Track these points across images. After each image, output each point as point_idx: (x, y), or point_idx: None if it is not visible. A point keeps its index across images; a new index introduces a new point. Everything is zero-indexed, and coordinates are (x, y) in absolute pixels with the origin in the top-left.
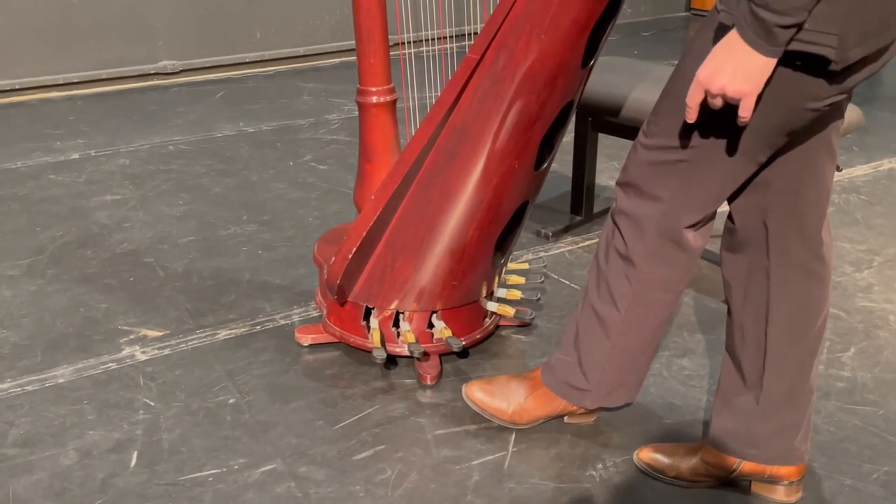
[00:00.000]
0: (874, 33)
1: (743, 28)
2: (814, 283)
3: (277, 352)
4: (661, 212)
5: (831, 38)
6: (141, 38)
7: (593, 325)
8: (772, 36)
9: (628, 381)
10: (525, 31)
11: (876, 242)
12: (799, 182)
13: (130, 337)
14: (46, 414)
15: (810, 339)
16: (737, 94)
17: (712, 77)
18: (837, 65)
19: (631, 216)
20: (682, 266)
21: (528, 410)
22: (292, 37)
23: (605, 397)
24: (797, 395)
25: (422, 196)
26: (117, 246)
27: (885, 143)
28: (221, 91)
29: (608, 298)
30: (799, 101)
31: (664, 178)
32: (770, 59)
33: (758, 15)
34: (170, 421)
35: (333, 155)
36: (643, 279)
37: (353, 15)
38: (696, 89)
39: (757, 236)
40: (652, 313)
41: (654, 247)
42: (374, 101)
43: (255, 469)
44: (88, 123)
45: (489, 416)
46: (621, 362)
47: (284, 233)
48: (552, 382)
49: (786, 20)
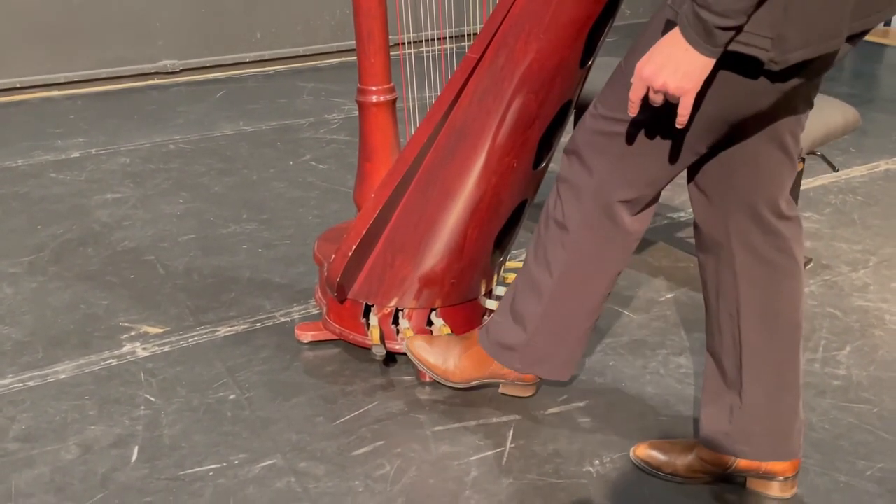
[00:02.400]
0: (817, 40)
1: (685, 27)
2: (782, 278)
3: (277, 349)
4: (598, 181)
5: (765, 41)
6: (141, 38)
7: (527, 289)
8: (712, 36)
9: (558, 354)
10: (524, 30)
11: (872, 243)
12: (753, 177)
13: (131, 334)
14: (48, 409)
15: (787, 335)
16: (677, 92)
17: (655, 74)
18: (777, 65)
19: (570, 183)
20: (616, 245)
21: (462, 369)
22: (292, 37)
23: (533, 364)
24: (782, 391)
25: (421, 194)
26: (118, 244)
27: (882, 145)
28: (221, 90)
29: (543, 264)
30: (736, 98)
31: (604, 148)
32: (709, 58)
33: (699, 15)
34: (170, 417)
35: (333, 154)
36: (576, 248)
37: (353, 15)
38: (638, 85)
39: (720, 235)
40: (584, 286)
41: (588, 217)
42: (375, 101)
43: (255, 464)
44: (89, 122)
45: (425, 369)
46: (551, 330)
47: (284, 231)
48: (485, 342)
49: (726, 22)
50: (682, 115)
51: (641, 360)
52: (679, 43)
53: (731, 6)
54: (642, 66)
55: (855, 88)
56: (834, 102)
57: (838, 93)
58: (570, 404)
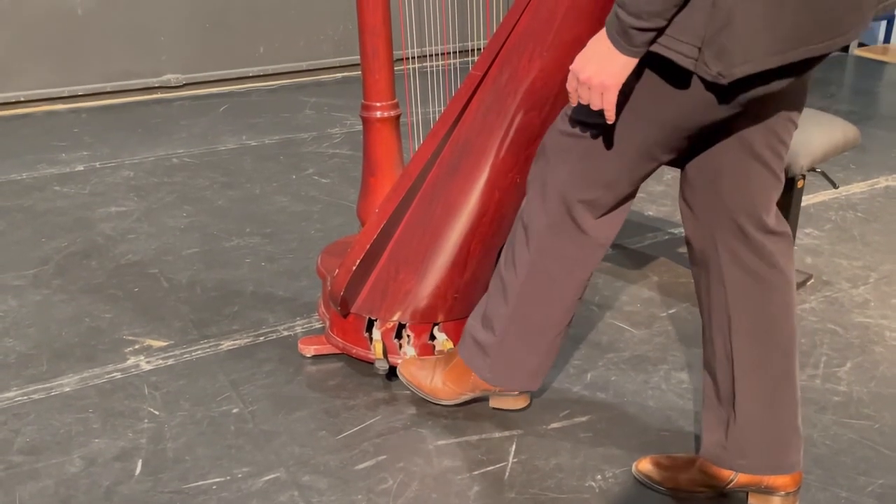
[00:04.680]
0: (762, 55)
1: (608, 26)
2: (772, 292)
3: (280, 362)
4: (560, 180)
5: (687, 48)
6: (145, 52)
7: (497, 291)
8: (628, 36)
9: (527, 361)
10: (528, 48)
11: (872, 259)
12: (732, 192)
13: (135, 347)
14: (52, 422)
15: (779, 348)
16: (599, 87)
17: (582, 67)
18: (724, 79)
19: (538, 182)
20: (579, 248)
21: (447, 384)
22: (295, 52)
23: (504, 374)
24: (776, 404)
25: (425, 209)
26: (122, 257)
27: (882, 161)
28: (225, 105)
29: (511, 265)
30: (689, 109)
31: (568, 148)
32: (629, 57)
33: (618, 15)
34: (174, 430)
35: (336, 168)
36: (541, 248)
37: (358, 32)
38: (570, 76)
39: (709, 249)
40: (549, 289)
41: (552, 217)
42: (379, 116)
43: (258, 478)
44: (93, 136)
45: (416, 390)
46: (518, 335)
47: (287, 245)
48: (462, 350)
49: (640, 23)
50: (607, 110)
51: (643, 375)
52: (604, 40)
53: (643, 8)
54: (576, 60)
55: (854, 105)
56: (834, 120)
57: (838, 110)
58: (572, 419)
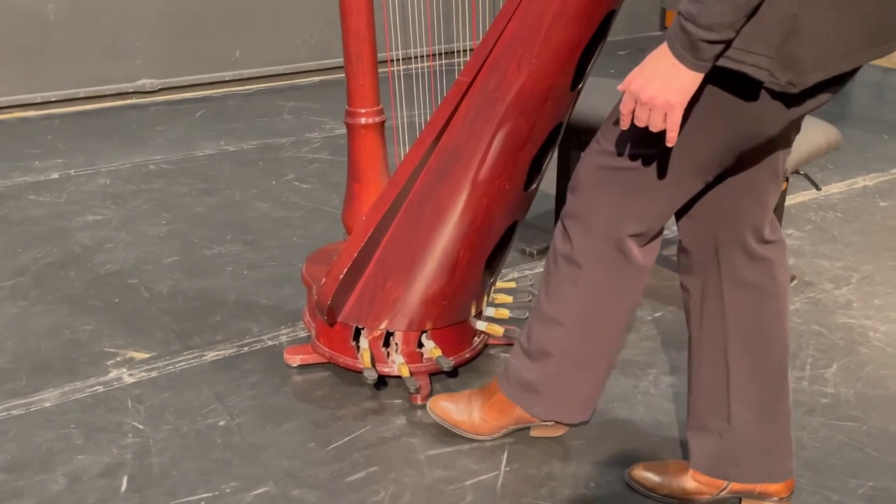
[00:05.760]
0: (833, 59)
1: (672, 40)
2: (767, 301)
3: (266, 373)
4: (606, 217)
5: (759, 59)
6: (119, 57)
7: (543, 328)
8: (697, 50)
9: (579, 394)
10: (516, 54)
11: (853, 259)
12: (742, 203)
13: (117, 359)
14: (33, 438)
15: (774, 357)
16: (664, 106)
17: (642, 87)
18: (795, 87)
19: (579, 219)
20: (628, 279)
21: (487, 420)
22: (272, 55)
23: (555, 408)
24: (770, 413)
25: (413, 216)
26: (100, 267)
27: (858, 161)
28: (201, 110)
29: (556, 301)
30: (751, 125)
31: (610, 184)
32: (696, 73)
33: (685, 28)
34: (160, 444)
35: (316, 174)
36: (589, 284)
37: (342, 37)
38: (628, 97)
39: (708, 259)
40: (599, 322)
41: (599, 252)
42: (363, 123)
43: (247, 492)
44: (67, 143)
45: (452, 427)
46: (571, 370)
47: (269, 252)
48: (506, 387)
49: (710, 35)
50: (670, 130)
51: (632, 379)
52: (666, 56)
53: (716, 20)
54: (631, 79)
55: (828, 106)
56: (816, 122)
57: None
58: None
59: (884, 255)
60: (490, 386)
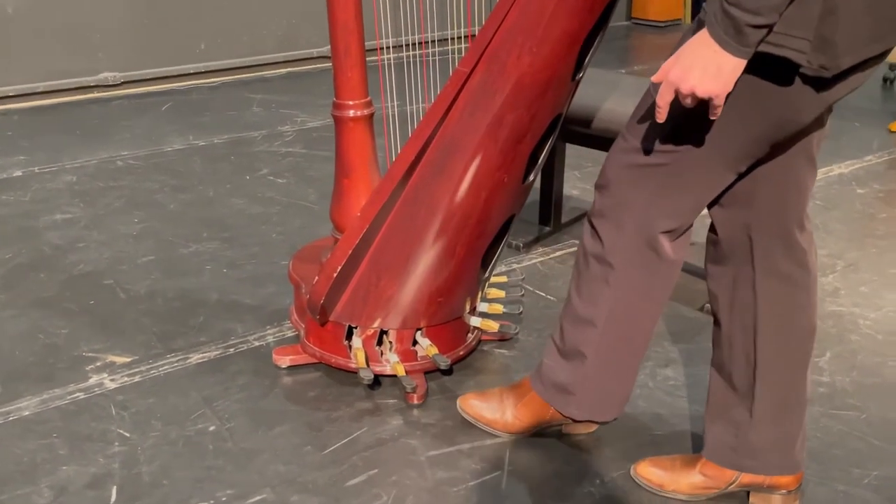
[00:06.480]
0: (864, 42)
1: (713, 26)
2: (799, 292)
3: (255, 375)
4: (638, 214)
5: (800, 43)
6: (80, 49)
7: (576, 328)
8: (742, 35)
9: (613, 392)
10: (517, 43)
11: (836, 247)
12: (783, 193)
13: (97, 364)
14: (14, 450)
15: (800, 348)
16: (706, 94)
17: (682, 76)
18: (828, 71)
19: (609, 218)
20: (661, 275)
21: (520, 418)
22: (238, 47)
23: (590, 407)
24: (791, 404)
25: (408, 212)
26: (73, 268)
27: (833, 149)
28: (166, 103)
29: (589, 301)
30: (785, 113)
31: (641, 181)
32: (740, 59)
33: (729, 13)
34: (148, 452)
35: (290, 168)
36: (621, 282)
37: (329, 29)
38: (666, 88)
39: (742, 248)
40: (633, 320)
41: (631, 250)
42: (352, 115)
43: (243, 500)
44: (28, 139)
45: (484, 426)
46: (605, 369)
47: (248, 250)
48: (540, 388)
49: (757, 20)
50: (713, 118)
51: None
52: (707, 43)
53: (763, 3)
54: (669, 69)
55: None
56: None
57: None
58: None
59: (866, 242)
60: (522, 384)
